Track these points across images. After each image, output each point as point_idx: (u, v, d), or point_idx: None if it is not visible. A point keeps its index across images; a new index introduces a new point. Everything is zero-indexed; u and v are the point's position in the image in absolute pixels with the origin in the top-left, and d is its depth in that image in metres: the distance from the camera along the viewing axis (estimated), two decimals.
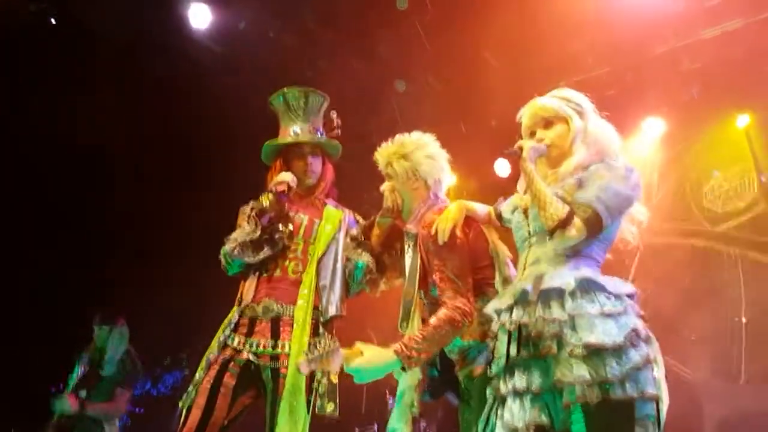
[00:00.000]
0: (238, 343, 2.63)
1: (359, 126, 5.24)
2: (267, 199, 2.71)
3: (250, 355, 2.60)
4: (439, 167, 2.47)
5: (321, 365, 1.98)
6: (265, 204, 2.70)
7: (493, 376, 2.00)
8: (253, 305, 2.68)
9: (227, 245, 2.71)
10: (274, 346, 2.61)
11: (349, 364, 2.02)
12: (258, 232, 2.68)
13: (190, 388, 2.57)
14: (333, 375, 2.60)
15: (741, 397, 4.99)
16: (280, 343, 2.62)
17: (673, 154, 6.05)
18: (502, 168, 6.26)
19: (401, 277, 2.61)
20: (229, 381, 2.57)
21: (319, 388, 2.59)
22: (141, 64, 5.05)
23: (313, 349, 2.00)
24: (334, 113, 3.02)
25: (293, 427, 2.46)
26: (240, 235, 2.70)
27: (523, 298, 1.89)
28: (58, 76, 4.98)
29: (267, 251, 2.70)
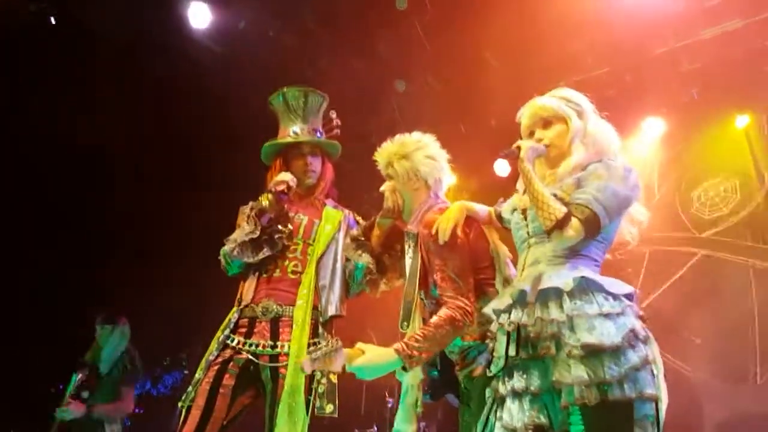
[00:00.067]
0: (238, 343, 2.63)
1: (359, 126, 5.24)
2: (267, 199, 2.71)
3: (250, 356, 2.60)
4: (439, 167, 2.47)
5: (324, 364, 1.98)
6: (265, 204, 2.70)
7: (492, 377, 2.00)
8: (253, 306, 2.68)
9: (227, 245, 2.71)
10: (274, 347, 2.61)
11: (350, 363, 2.02)
12: (258, 232, 2.68)
13: (190, 389, 2.57)
14: (333, 375, 2.60)
15: (741, 398, 5.00)
16: (279, 343, 2.62)
17: (673, 154, 6.05)
18: (502, 168, 6.26)
19: (401, 278, 2.61)
20: (228, 381, 2.56)
21: (318, 389, 2.59)
22: (141, 64, 5.05)
23: (317, 348, 1.99)
24: (333, 113, 3.02)
25: (292, 427, 2.46)
26: (240, 235, 2.70)
27: (522, 299, 1.89)
28: (58, 76, 4.98)
29: (266, 251, 2.70)
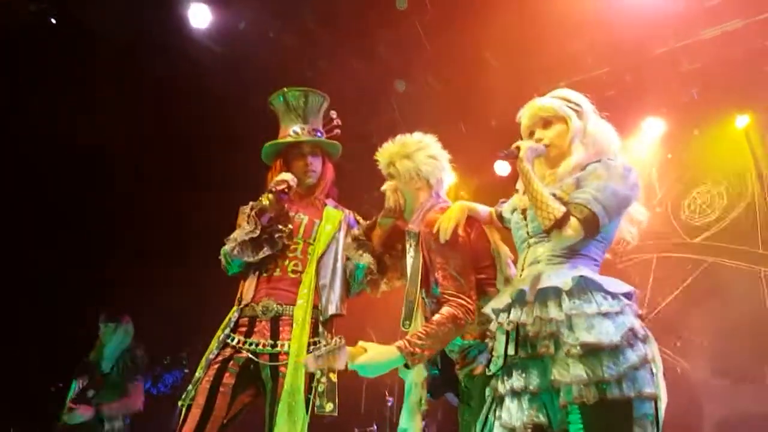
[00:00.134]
0: (238, 342, 2.63)
1: (359, 126, 5.25)
2: (267, 199, 2.71)
3: (250, 354, 2.60)
4: (441, 167, 2.49)
5: (327, 362, 1.98)
6: (266, 203, 2.70)
7: (491, 376, 2.00)
8: (253, 305, 2.68)
9: (227, 245, 2.71)
10: (274, 346, 2.61)
11: (353, 361, 2.02)
12: (258, 232, 2.68)
13: (190, 387, 2.57)
14: (332, 374, 2.60)
15: (741, 397, 5.00)
16: (279, 342, 2.62)
17: (673, 154, 6.05)
18: (502, 168, 6.26)
19: (402, 278, 2.62)
20: (228, 380, 2.56)
21: (318, 387, 2.59)
22: (141, 64, 5.05)
23: (320, 345, 2.00)
24: (334, 113, 3.02)
25: (292, 426, 2.46)
26: (240, 235, 2.70)
27: (521, 298, 1.89)
28: (58, 76, 4.97)
29: (267, 251, 2.70)
